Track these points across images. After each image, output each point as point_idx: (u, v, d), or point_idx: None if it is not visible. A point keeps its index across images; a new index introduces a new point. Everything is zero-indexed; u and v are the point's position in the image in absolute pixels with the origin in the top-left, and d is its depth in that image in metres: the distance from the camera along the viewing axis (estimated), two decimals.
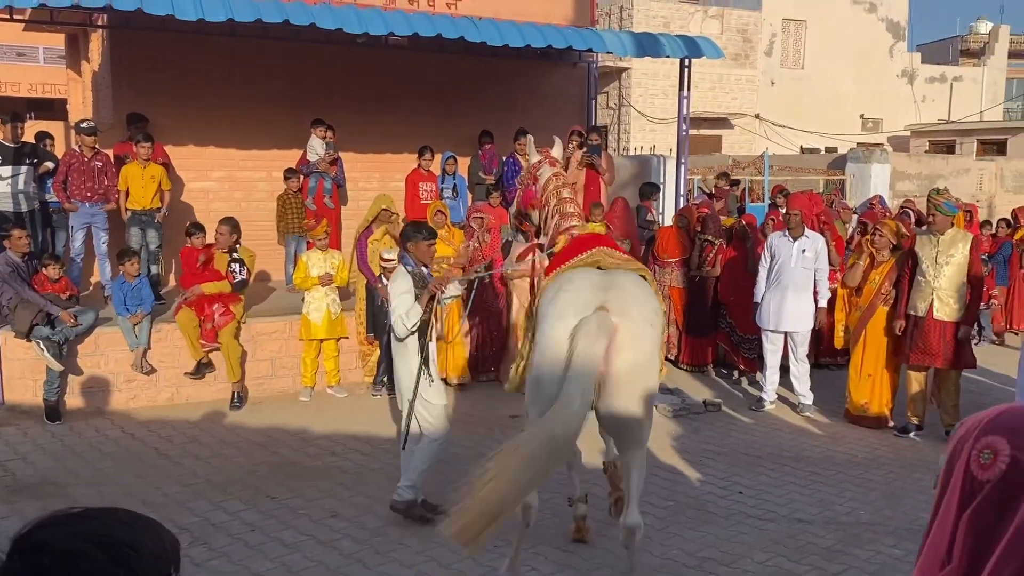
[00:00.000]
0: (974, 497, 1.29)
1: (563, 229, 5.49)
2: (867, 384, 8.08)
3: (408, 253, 5.82)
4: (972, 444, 1.32)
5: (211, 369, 8.50)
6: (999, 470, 1.27)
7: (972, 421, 1.38)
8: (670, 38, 11.19)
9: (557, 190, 5.76)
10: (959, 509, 1.31)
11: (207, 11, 8.43)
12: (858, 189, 16.27)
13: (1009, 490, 1.25)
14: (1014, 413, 1.33)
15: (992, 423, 1.32)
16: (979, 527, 1.27)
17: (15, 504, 5.89)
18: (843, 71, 27.81)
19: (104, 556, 1.23)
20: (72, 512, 1.29)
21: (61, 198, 9.18)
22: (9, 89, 21.22)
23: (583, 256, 4.96)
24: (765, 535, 5.67)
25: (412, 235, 5.84)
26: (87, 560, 1.22)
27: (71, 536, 1.25)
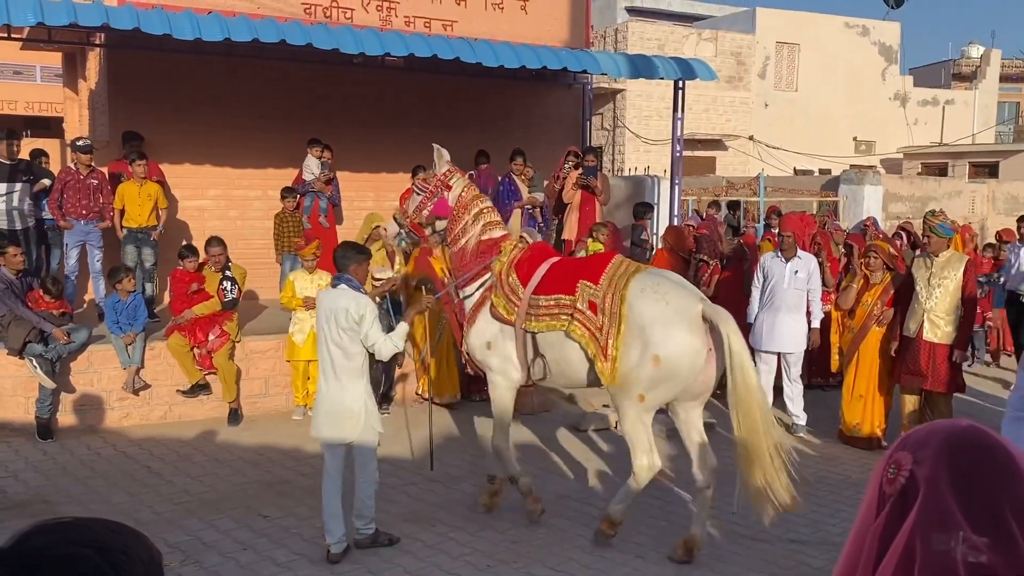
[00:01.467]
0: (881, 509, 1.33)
1: (492, 239, 5.90)
2: (859, 405, 8.09)
3: (352, 276, 5.53)
4: (888, 456, 1.35)
5: (207, 391, 8.46)
6: (900, 484, 1.30)
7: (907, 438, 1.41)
8: (664, 60, 11.28)
9: (475, 200, 6.04)
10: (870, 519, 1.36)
11: (204, 31, 8.47)
12: (851, 211, 16.36)
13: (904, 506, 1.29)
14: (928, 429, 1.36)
15: (905, 439, 1.36)
16: (883, 540, 1.30)
17: (5, 522, 5.86)
18: (836, 94, 28.01)
19: (101, 560, 1.23)
20: (62, 520, 1.30)
21: (56, 216, 9.19)
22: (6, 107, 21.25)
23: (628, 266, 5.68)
24: (758, 555, 5.66)
25: (355, 257, 5.57)
26: (85, 563, 1.22)
27: (67, 541, 1.25)
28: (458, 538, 5.80)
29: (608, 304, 5.43)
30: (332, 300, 5.43)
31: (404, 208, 6.36)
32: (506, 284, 5.85)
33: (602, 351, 5.41)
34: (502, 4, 12.11)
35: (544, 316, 5.67)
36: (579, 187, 10.93)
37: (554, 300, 5.64)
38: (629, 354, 5.36)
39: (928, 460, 1.29)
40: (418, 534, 5.83)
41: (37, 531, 1.26)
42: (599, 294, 5.49)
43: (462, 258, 6.04)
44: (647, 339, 5.31)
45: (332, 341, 5.39)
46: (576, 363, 5.64)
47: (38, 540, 1.24)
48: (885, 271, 8.10)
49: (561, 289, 5.66)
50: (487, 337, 5.89)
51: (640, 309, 5.36)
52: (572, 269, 5.83)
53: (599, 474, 7.19)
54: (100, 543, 1.25)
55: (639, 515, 6.26)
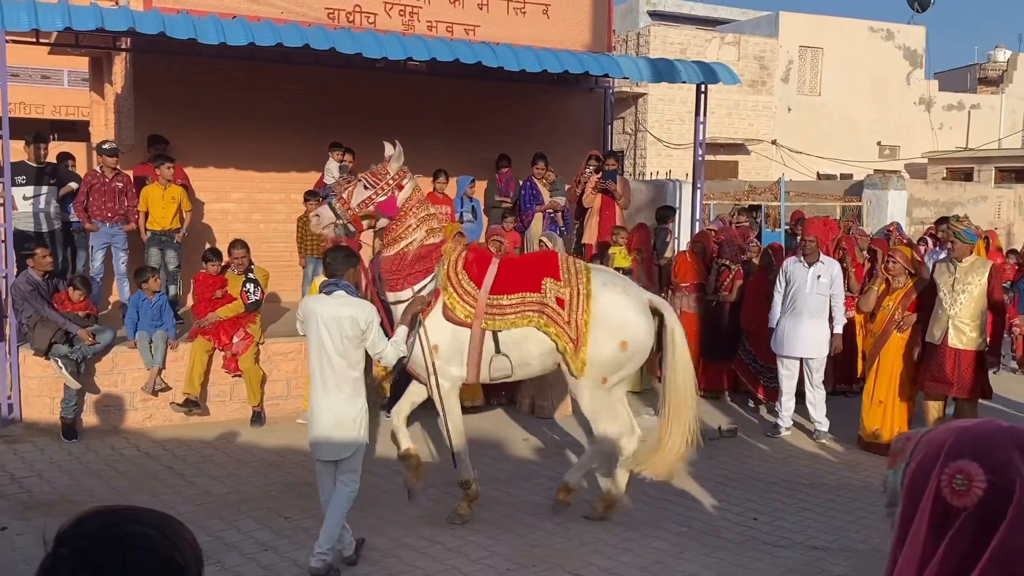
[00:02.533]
0: (947, 524, 1.26)
1: (433, 244, 5.95)
2: (879, 411, 8.03)
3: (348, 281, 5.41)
4: (939, 469, 1.29)
5: (199, 408, 8.35)
6: (976, 496, 1.25)
7: (928, 442, 1.35)
8: (686, 64, 11.25)
9: (423, 204, 6.07)
10: (929, 537, 1.29)
11: (228, 35, 8.54)
12: (875, 216, 16.24)
13: (987, 516, 1.23)
14: (976, 434, 1.31)
15: (957, 447, 1.29)
16: (955, 555, 1.25)
17: (31, 520, 5.93)
18: (860, 98, 27.81)
19: (161, 536, 1.35)
20: (112, 507, 1.40)
21: (82, 218, 9.30)
22: (34, 111, 21.50)
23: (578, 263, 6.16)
24: (780, 562, 5.63)
25: (350, 261, 5.43)
26: (148, 540, 1.33)
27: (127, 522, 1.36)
28: (478, 541, 5.80)
29: (574, 298, 5.88)
30: (333, 308, 5.13)
31: (343, 198, 5.91)
32: (459, 286, 5.90)
33: (573, 343, 5.85)
34: (524, 9, 12.13)
35: (510, 315, 5.90)
36: (598, 191, 10.92)
37: (518, 298, 5.91)
38: (598, 343, 5.87)
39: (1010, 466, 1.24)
40: (438, 537, 5.85)
41: (92, 515, 1.35)
42: (565, 289, 5.89)
43: (400, 261, 5.89)
44: (614, 327, 5.90)
45: (335, 352, 5.10)
46: (537, 357, 6.03)
47: (97, 522, 1.33)
48: (907, 276, 8.04)
49: (524, 287, 5.94)
50: (436, 340, 5.86)
51: (605, 300, 5.94)
52: (527, 268, 6.14)
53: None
54: (154, 524, 1.36)
55: (658, 520, 6.25)
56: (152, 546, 1.33)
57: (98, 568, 1.28)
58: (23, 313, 7.82)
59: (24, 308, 7.80)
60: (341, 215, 5.86)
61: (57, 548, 1.31)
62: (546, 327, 5.87)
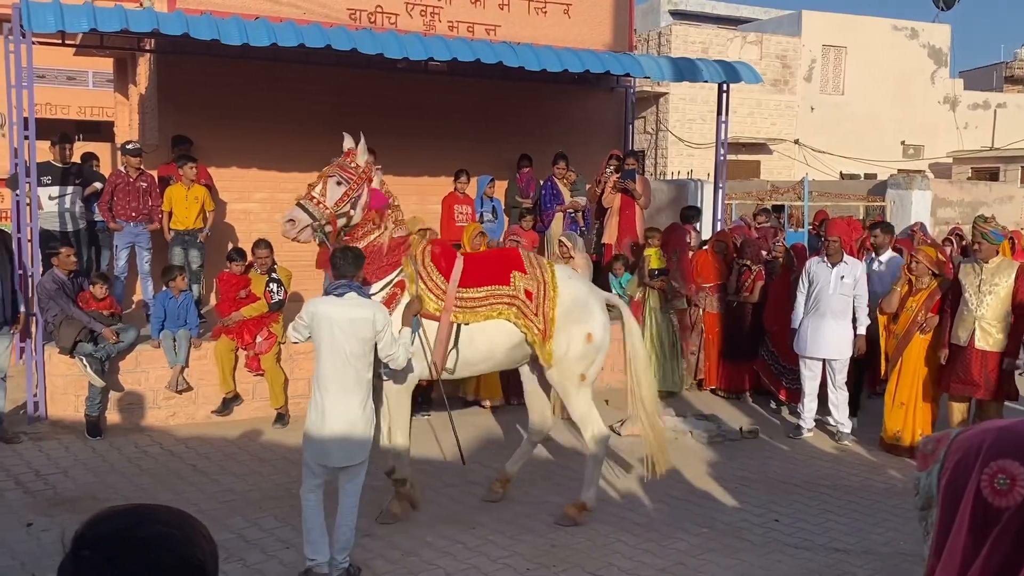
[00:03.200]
0: (988, 525, 1.24)
1: (402, 236, 5.94)
2: (900, 413, 7.96)
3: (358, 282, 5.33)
4: (979, 469, 1.27)
5: (238, 403, 8.54)
6: (1019, 495, 1.23)
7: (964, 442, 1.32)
8: (708, 63, 11.20)
9: (388, 194, 6.05)
10: (970, 539, 1.26)
11: (251, 36, 8.60)
12: (898, 216, 16.11)
13: None
14: (1017, 433, 1.28)
15: (997, 446, 1.27)
16: (998, 556, 1.22)
17: (55, 517, 5.99)
18: (884, 97, 27.59)
19: (180, 534, 1.38)
20: (128, 507, 1.41)
21: (106, 218, 9.39)
22: (59, 112, 21.72)
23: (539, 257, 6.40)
24: (801, 564, 5.59)
25: (359, 262, 5.32)
26: (169, 540, 1.36)
27: (149, 522, 1.38)
28: (498, 541, 5.81)
29: (540, 290, 6.00)
30: (347, 310, 4.99)
31: (316, 197, 5.64)
32: (429, 280, 5.87)
33: (541, 334, 5.96)
34: (545, 8, 12.13)
35: (481, 308, 5.93)
36: (618, 191, 10.88)
37: (487, 292, 5.95)
38: (567, 334, 6.02)
39: None
40: (458, 536, 5.85)
41: (110, 516, 1.36)
42: (532, 283, 5.99)
43: (377, 254, 5.75)
44: (578, 319, 6.06)
45: (352, 355, 4.95)
46: (505, 350, 6.10)
47: (115, 522, 1.34)
48: (931, 277, 7.96)
49: (494, 280, 5.98)
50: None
51: (570, 292, 6.09)
52: (493, 262, 6.19)
53: (638, 478, 7.15)
54: (172, 523, 1.38)
55: (680, 521, 6.23)
56: (172, 545, 1.35)
57: (121, 569, 1.30)
58: (48, 312, 7.91)
59: (49, 307, 7.89)
60: (318, 216, 5.60)
61: (78, 550, 1.32)
62: (517, 319, 5.94)
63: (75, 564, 1.32)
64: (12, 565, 5.27)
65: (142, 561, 1.32)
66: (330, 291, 5.13)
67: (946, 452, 1.36)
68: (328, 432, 4.98)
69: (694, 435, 8.27)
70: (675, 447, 8.00)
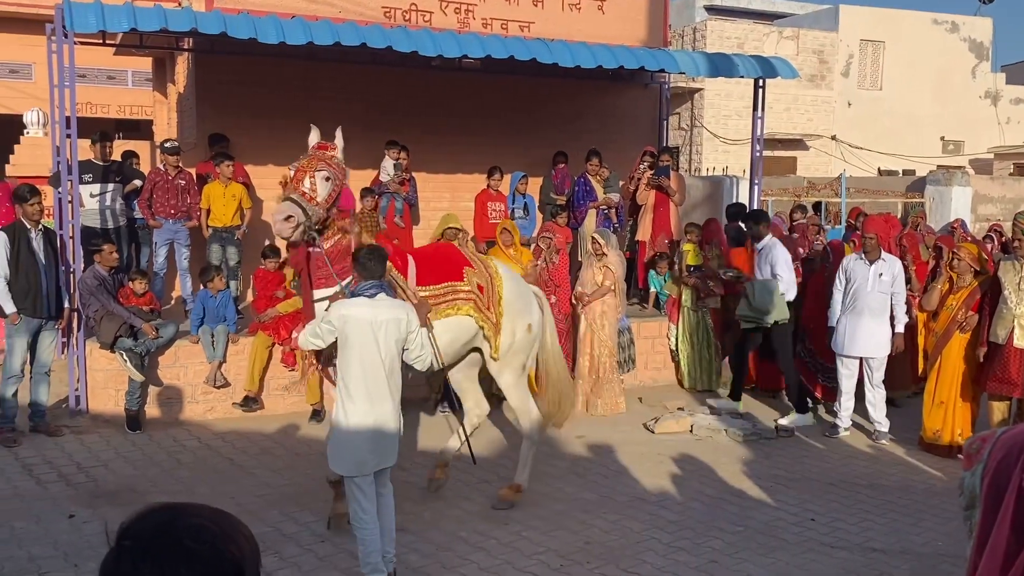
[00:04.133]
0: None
1: (358, 237, 5.78)
2: (940, 412, 7.84)
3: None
4: (1021, 467, 1.26)
5: (259, 406, 8.58)
6: None
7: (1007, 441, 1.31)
8: (744, 58, 11.11)
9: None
10: (1012, 537, 1.25)
11: (288, 35, 8.67)
12: (938, 212, 15.87)
13: None
14: None
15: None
16: None
17: (97, 509, 6.10)
18: (923, 92, 27.18)
19: (218, 530, 1.42)
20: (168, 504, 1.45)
21: (146, 215, 9.53)
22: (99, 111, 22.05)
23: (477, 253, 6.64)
24: (837, 564, 5.54)
25: (383, 260, 5.13)
26: (206, 532, 1.40)
27: (191, 515, 1.43)
28: (531, 537, 5.82)
29: (487, 284, 6.13)
30: (381, 311, 4.80)
31: (307, 192, 5.26)
32: (392, 280, 5.62)
33: (495, 327, 6.11)
34: (579, 4, 12.09)
35: (441, 304, 5.92)
36: (652, 187, 10.82)
37: (445, 288, 5.95)
38: (513, 326, 6.20)
39: None
40: (492, 532, 5.87)
41: (154, 511, 1.41)
42: (482, 277, 6.08)
43: (344, 254, 5.48)
44: (521, 311, 6.28)
45: (387, 357, 4.79)
46: (463, 345, 6.15)
47: (157, 516, 1.41)
48: (972, 275, 7.84)
49: (449, 277, 6.01)
50: None
51: (511, 287, 6.29)
52: (443, 258, 6.20)
53: (672, 476, 7.13)
54: (211, 519, 1.43)
55: (714, 519, 6.19)
56: (209, 538, 1.38)
57: (158, 559, 1.34)
58: (89, 307, 8.04)
59: (90, 303, 8.02)
60: (311, 213, 5.21)
61: (120, 541, 1.37)
62: (475, 313, 6.01)
63: (117, 555, 1.36)
64: (55, 555, 5.37)
65: (179, 553, 1.35)
66: (360, 292, 4.90)
67: (989, 452, 1.35)
68: (363, 437, 4.78)
69: (729, 433, 8.23)
70: (709, 445, 7.98)
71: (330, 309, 4.96)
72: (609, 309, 8.99)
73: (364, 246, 5.36)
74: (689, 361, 10.01)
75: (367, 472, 4.82)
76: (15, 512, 6.02)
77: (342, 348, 4.80)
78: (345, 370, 4.79)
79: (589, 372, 9.01)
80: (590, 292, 8.99)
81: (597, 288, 8.96)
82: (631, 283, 10.75)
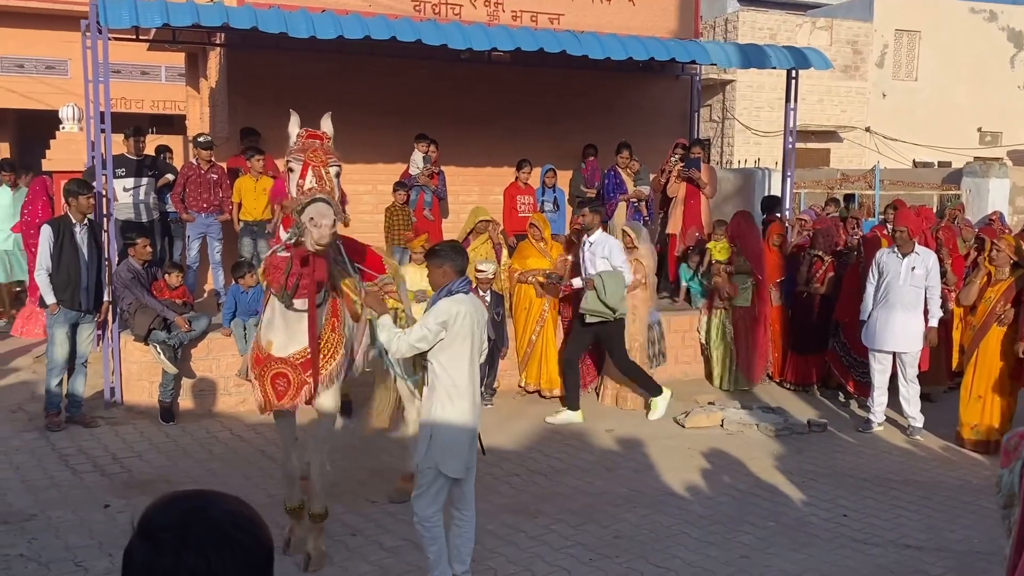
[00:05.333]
0: None
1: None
2: (978, 406, 7.72)
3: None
4: None
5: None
6: None
7: None
8: (776, 49, 10.98)
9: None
10: None
11: (318, 29, 8.71)
12: (975, 205, 15.62)
13: None
14: None
15: None
16: None
17: (132, 499, 6.18)
18: (959, 83, 26.75)
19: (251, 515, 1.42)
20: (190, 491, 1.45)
21: (179, 209, 9.63)
22: (133, 106, 22.31)
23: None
24: (870, 560, 5.48)
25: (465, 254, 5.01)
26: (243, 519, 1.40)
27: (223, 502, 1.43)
28: (560, 530, 5.81)
29: (397, 278, 5.97)
30: (478, 307, 4.74)
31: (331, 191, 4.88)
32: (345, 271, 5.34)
33: (412, 320, 5.82)
34: None
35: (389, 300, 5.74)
36: (683, 179, 10.75)
37: (381, 282, 5.71)
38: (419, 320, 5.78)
39: None
40: (521, 525, 5.87)
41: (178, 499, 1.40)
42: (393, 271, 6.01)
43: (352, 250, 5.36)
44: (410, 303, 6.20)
45: (480, 353, 4.74)
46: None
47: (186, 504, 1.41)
48: (1012, 268, 7.70)
49: (380, 270, 5.78)
50: None
51: (408, 278, 6.43)
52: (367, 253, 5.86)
53: (702, 470, 7.08)
54: (240, 504, 1.43)
55: (745, 514, 6.15)
56: (246, 524, 1.38)
57: (202, 548, 1.32)
58: (124, 300, 8.14)
59: (125, 295, 8.11)
60: (338, 212, 4.89)
61: (153, 532, 1.35)
62: (397, 305, 5.73)
63: (155, 547, 1.33)
64: (90, 544, 5.45)
65: (221, 540, 1.34)
66: (459, 289, 4.67)
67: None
68: (470, 440, 4.69)
69: (760, 428, 8.16)
70: (740, 440, 7.93)
71: (437, 307, 4.62)
72: (639, 303, 8.94)
73: (442, 242, 5.22)
74: (721, 361, 9.88)
75: (463, 475, 4.69)
76: (52, 502, 6.12)
77: (449, 346, 4.58)
78: (454, 368, 4.60)
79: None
80: None
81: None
82: (662, 276, 10.69)
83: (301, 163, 4.94)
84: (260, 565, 1.38)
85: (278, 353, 5.05)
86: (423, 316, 4.76)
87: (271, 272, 4.97)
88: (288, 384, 5.05)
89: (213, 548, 1.32)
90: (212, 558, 1.31)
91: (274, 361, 5.05)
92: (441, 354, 4.60)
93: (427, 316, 4.66)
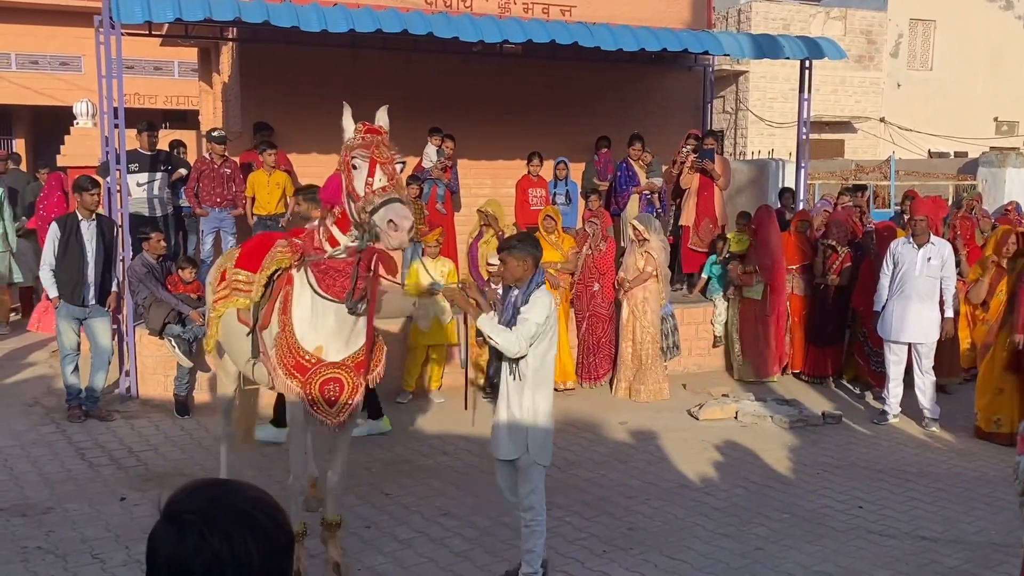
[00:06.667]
0: None
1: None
2: (997, 399, 7.66)
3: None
4: None
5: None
6: None
7: None
8: (790, 39, 10.92)
9: None
10: None
11: (330, 22, 8.71)
12: (991, 195, 15.48)
13: None
14: None
15: None
16: None
17: (147, 492, 6.22)
18: (975, 72, 26.51)
19: (272, 501, 1.45)
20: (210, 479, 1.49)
21: (192, 203, 9.66)
22: (147, 101, 22.43)
23: None
24: (885, 552, 5.45)
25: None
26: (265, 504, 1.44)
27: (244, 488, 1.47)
28: (574, 522, 5.81)
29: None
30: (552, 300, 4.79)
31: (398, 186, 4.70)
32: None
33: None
34: None
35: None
36: (696, 171, 10.70)
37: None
38: None
39: None
40: None
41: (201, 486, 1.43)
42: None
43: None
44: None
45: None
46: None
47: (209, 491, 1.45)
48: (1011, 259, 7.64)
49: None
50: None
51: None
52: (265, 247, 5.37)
53: (716, 463, 7.07)
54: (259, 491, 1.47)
55: (759, 506, 6.13)
56: (268, 509, 1.43)
57: (225, 530, 1.36)
58: (138, 294, 8.18)
59: (139, 290, 8.16)
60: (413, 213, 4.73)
61: (179, 515, 1.39)
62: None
63: (179, 529, 1.38)
64: (107, 537, 5.49)
65: (244, 522, 1.38)
66: (541, 280, 4.70)
67: None
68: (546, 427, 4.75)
69: (775, 420, 8.13)
70: (755, 432, 7.90)
71: (539, 301, 4.58)
72: (651, 295, 8.92)
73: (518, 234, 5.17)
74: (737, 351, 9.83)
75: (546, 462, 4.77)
76: (69, 495, 6.16)
77: (544, 336, 4.59)
78: (547, 358, 4.67)
79: (632, 358, 8.96)
80: (631, 278, 8.93)
81: (638, 274, 8.89)
82: (675, 268, 10.65)
83: (367, 160, 4.59)
84: (281, 549, 1.42)
85: (332, 358, 4.67)
86: (523, 311, 4.56)
87: (331, 278, 4.52)
88: (342, 389, 4.70)
89: (237, 532, 1.37)
90: (236, 541, 1.36)
91: (325, 367, 4.66)
92: (538, 345, 4.60)
93: (532, 310, 4.53)
